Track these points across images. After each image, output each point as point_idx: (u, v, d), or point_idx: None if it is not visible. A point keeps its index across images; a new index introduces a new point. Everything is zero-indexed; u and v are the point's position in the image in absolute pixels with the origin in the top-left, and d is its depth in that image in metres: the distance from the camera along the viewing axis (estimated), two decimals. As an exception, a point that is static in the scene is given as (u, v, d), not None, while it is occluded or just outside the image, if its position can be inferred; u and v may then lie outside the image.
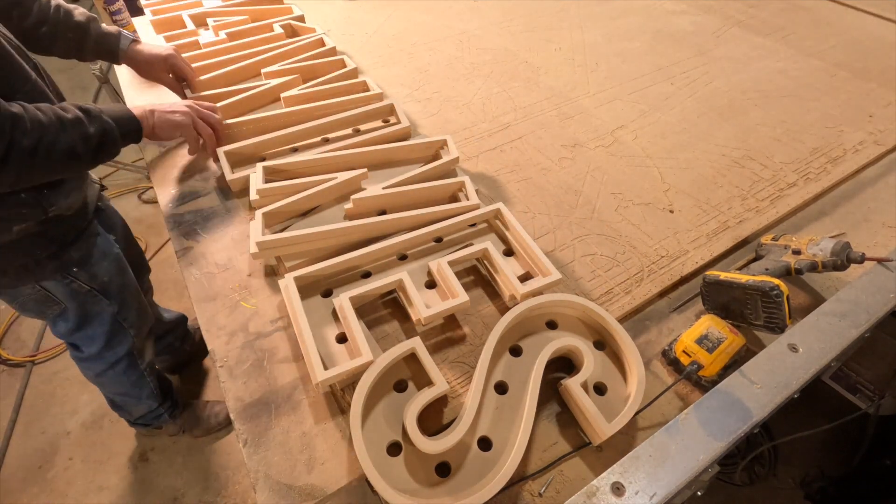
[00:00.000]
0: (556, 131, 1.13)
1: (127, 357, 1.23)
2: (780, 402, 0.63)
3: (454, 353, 0.73)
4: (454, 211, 0.88)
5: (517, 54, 1.41)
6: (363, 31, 1.53)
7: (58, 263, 0.95)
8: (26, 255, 0.90)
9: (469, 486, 0.59)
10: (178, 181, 1.01)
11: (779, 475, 1.45)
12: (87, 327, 1.12)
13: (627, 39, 1.47)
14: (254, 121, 1.05)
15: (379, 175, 0.97)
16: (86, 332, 1.13)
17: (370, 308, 0.78)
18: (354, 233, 0.83)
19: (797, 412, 1.00)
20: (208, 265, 0.85)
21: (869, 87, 1.24)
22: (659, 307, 0.80)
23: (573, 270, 0.84)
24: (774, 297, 0.66)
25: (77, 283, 1.01)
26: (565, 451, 0.63)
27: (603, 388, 0.68)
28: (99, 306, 1.09)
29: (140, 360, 1.27)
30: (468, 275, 0.83)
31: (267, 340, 0.75)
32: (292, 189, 0.89)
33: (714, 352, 0.66)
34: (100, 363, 1.21)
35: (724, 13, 1.59)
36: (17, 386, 1.77)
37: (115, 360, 1.22)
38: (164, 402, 1.46)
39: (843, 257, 0.74)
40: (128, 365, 1.24)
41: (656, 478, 0.56)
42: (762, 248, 0.83)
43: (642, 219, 0.93)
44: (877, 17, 1.55)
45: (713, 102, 1.21)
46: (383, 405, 0.65)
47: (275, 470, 0.62)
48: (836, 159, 1.04)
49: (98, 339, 1.15)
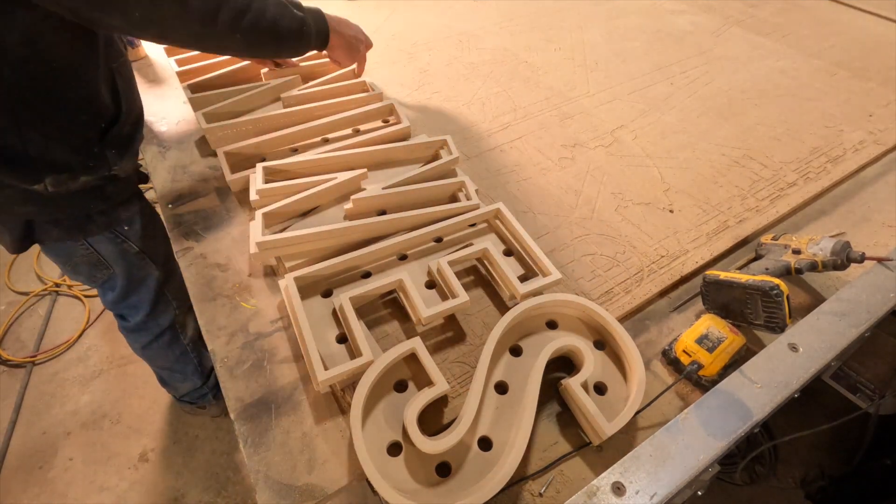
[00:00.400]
0: (556, 131, 1.13)
1: (170, 329, 1.25)
2: (780, 401, 0.63)
3: (454, 353, 0.73)
4: (454, 211, 0.88)
5: (517, 54, 1.41)
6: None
7: (108, 219, 0.97)
8: (82, 209, 0.92)
9: (469, 486, 0.59)
10: (178, 181, 1.01)
11: (779, 475, 1.45)
12: (133, 294, 1.14)
13: (627, 39, 1.47)
14: (253, 121, 1.05)
15: (379, 175, 0.97)
16: (132, 300, 1.16)
17: (370, 308, 0.78)
18: (354, 233, 0.83)
19: (797, 412, 1.00)
20: (208, 265, 0.85)
21: (869, 87, 1.24)
22: (659, 307, 0.80)
23: (573, 270, 0.84)
24: (774, 296, 0.66)
25: (127, 244, 1.03)
26: (565, 451, 0.63)
27: (603, 388, 0.68)
28: (145, 271, 1.11)
29: (182, 334, 1.29)
30: (468, 275, 0.83)
31: (267, 341, 0.75)
32: (292, 189, 0.89)
33: (714, 351, 0.66)
34: (145, 334, 1.24)
35: (723, 13, 1.59)
36: (17, 386, 1.77)
37: (160, 332, 1.24)
38: (208, 380, 1.48)
39: (843, 257, 0.74)
40: (171, 338, 1.27)
41: (657, 477, 0.56)
42: (762, 247, 0.83)
43: (642, 218, 0.93)
44: (877, 16, 1.55)
45: (713, 102, 1.21)
46: (383, 405, 0.65)
47: (275, 470, 0.62)
48: (836, 159, 1.04)
49: (143, 307, 1.17)
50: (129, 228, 1.02)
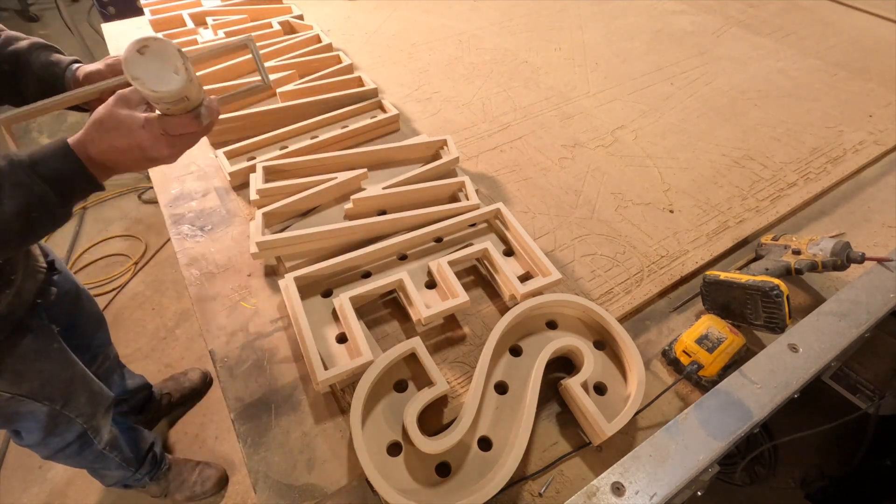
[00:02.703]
0: (556, 131, 1.13)
1: (78, 440, 1.06)
2: (780, 402, 0.63)
3: (454, 353, 0.73)
4: (454, 211, 0.88)
5: (517, 54, 1.41)
6: (363, 31, 1.53)
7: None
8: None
9: (469, 486, 0.59)
10: (178, 181, 1.01)
11: (779, 475, 1.45)
12: (17, 424, 0.96)
13: (627, 39, 1.47)
14: (249, 115, 1.05)
15: (379, 175, 0.97)
16: (17, 426, 0.97)
17: (370, 308, 0.78)
18: (354, 233, 0.83)
19: (797, 412, 1.00)
20: (208, 265, 0.85)
21: (869, 87, 1.24)
22: (659, 307, 0.80)
23: (573, 270, 0.84)
24: (774, 297, 0.66)
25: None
26: (565, 451, 0.63)
27: (603, 388, 0.68)
28: (25, 408, 0.92)
29: (97, 439, 1.09)
30: (468, 275, 0.83)
31: (267, 340, 0.75)
32: (292, 189, 0.89)
33: (714, 352, 0.66)
34: (45, 449, 1.04)
35: (724, 13, 1.59)
36: (17, 386, 1.77)
37: (63, 445, 1.05)
38: (139, 466, 1.28)
39: (843, 257, 0.74)
40: (81, 446, 1.07)
41: (656, 478, 0.56)
42: (762, 247, 0.83)
43: (642, 219, 0.93)
44: (877, 17, 1.55)
45: (713, 102, 1.21)
46: (383, 405, 0.65)
47: (275, 470, 0.62)
48: (836, 159, 1.04)
49: (34, 432, 0.98)
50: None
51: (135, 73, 0.51)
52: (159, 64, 0.51)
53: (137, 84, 0.51)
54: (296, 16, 1.42)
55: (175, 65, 0.52)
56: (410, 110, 1.20)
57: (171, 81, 0.51)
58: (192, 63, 0.54)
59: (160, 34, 1.33)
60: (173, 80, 0.52)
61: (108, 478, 1.28)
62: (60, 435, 1.02)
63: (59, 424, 1.00)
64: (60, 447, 1.05)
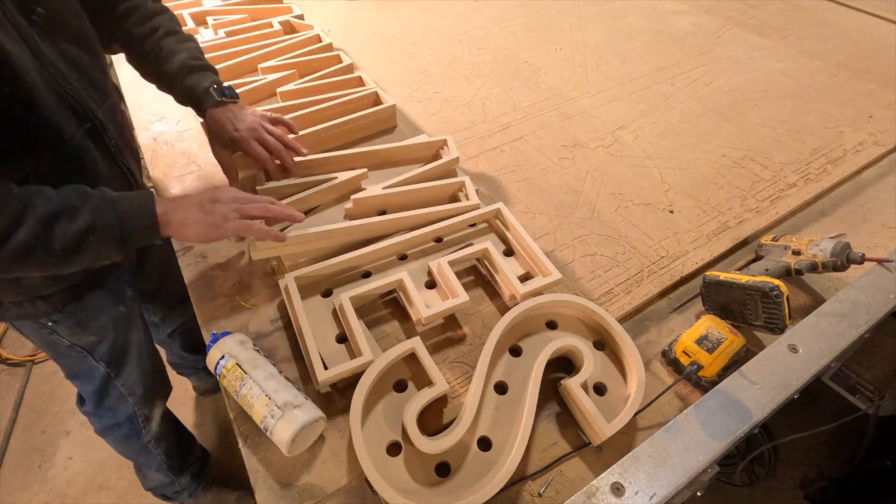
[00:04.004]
0: (557, 131, 1.13)
1: (128, 423, 1.07)
2: (780, 402, 0.63)
3: (454, 353, 0.73)
4: (454, 211, 0.88)
5: (517, 54, 1.41)
6: (363, 31, 1.53)
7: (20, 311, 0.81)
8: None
9: (469, 487, 0.59)
10: (178, 181, 1.01)
11: (778, 475, 1.45)
12: (75, 380, 1.00)
13: (627, 39, 1.47)
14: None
15: (379, 175, 0.97)
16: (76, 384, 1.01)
17: (370, 308, 0.78)
18: (354, 233, 0.83)
19: (797, 412, 1.00)
20: (208, 265, 0.85)
21: (869, 88, 1.24)
22: (659, 307, 0.80)
23: (573, 270, 0.84)
24: (774, 297, 0.66)
25: (54, 336, 0.87)
26: (565, 451, 0.63)
27: (603, 389, 0.68)
28: (85, 365, 0.94)
29: (145, 429, 1.10)
30: (468, 275, 0.83)
31: (267, 340, 0.75)
32: (292, 189, 0.89)
33: (714, 352, 0.66)
34: (96, 421, 1.08)
35: (724, 13, 1.59)
36: (17, 385, 1.77)
37: (114, 423, 1.07)
38: (179, 476, 1.25)
39: (842, 258, 0.74)
40: (129, 432, 1.09)
41: (656, 478, 0.56)
42: (762, 248, 0.83)
43: (642, 219, 0.93)
44: (877, 17, 1.55)
45: (713, 103, 1.21)
46: (383, 405, 0.65)
47: (274, 470, 0.62)
48: (837, 160, 1.04)
49: (90, 397, 1.01)
50: (55, 323, 0.86)
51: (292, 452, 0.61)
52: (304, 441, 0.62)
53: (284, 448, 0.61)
54: (296, 15, 1.42)
55: (314, 439, 0.64)
56: (411, 110, 1.20)
57: (303, 445, 0.63)
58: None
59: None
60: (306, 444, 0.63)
61: (148, 479, 1.27)
62: (112, 410, 1.04)
63: (111, 395, 1.01)
64: (110, 424, 1.07)
